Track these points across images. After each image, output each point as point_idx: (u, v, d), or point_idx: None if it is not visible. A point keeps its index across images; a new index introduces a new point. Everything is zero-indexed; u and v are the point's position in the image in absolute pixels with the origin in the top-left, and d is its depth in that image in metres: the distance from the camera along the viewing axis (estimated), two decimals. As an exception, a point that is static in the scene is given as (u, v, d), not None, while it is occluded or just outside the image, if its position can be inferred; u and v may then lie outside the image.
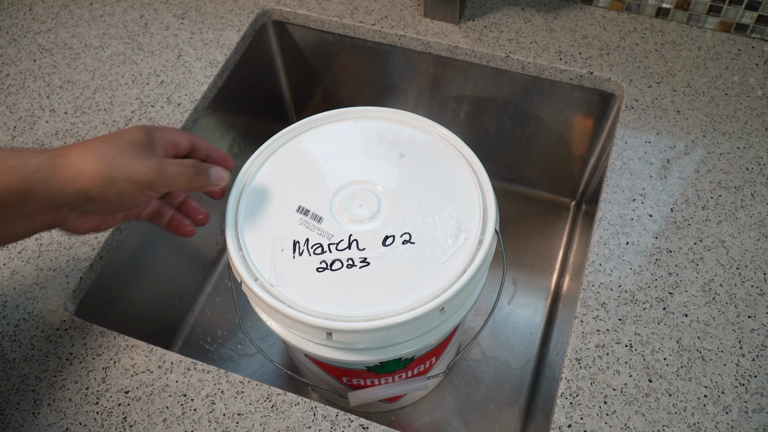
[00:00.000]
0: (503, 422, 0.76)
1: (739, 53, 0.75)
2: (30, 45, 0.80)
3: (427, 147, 0.59)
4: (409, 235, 0.53)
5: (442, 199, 0.55)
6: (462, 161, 0.58)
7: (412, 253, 0.52)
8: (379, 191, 0.56)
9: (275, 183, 0.57)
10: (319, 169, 0.58)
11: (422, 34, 0.78)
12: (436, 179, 0.57)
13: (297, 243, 0.53)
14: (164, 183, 0.46)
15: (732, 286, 0.58)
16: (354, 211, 0.55)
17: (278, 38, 0.87)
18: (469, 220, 0.54)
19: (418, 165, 0.58)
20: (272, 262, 0.52)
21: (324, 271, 0.51)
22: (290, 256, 0.52)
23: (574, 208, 0.93)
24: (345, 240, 0.53)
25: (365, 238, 0.53)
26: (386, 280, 0.51)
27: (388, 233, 0.53)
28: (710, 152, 0.67)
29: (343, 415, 0.52)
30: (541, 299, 0.85)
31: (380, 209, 0.55)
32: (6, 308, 0.59)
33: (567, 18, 0.79)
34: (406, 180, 0.57)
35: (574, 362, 0.54)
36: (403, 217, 0.54)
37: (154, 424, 0.52)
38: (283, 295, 0.50)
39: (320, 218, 0.54)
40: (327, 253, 0.52)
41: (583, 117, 0.80)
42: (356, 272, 0.51)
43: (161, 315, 0.79)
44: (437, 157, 0.58)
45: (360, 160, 0.58)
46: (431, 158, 0.58)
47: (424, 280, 0.51)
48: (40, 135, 0.71)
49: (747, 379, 0.53)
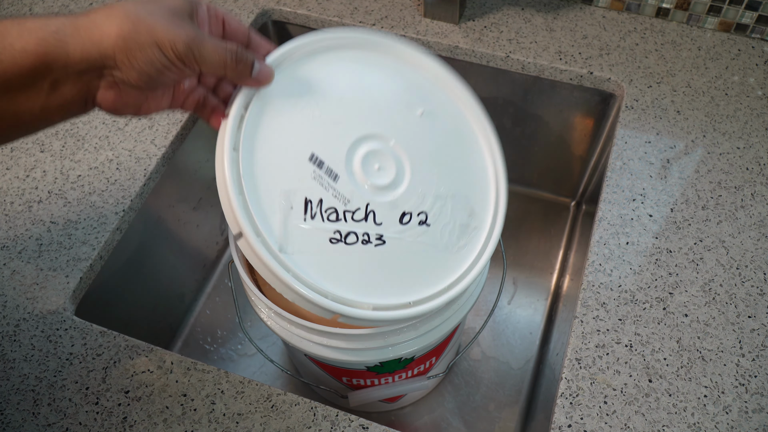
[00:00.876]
0: (503, 422, 0.76)
1: (739, 53, 0.75)
2: (30, 45, 0.80)
3: (449, 110, 0.53)
4: (425, 216, 0.49)
5: (459, 178, 0.51)
6: (483, 139, 0.54)
7: (426, 237, 0.49)
8: (399, 154, 0.50)
9: (286, 111, 0.47)
10: (334, 107, 0.49)
11: (422, 34, 0.78)
12: (454, 153, 0.52)
13: (309, 202, 0.46)
14: (195, 58, 0.40)
15: (732, 286, 0.58)
16: (372, 174, 0.48)
17: (278, 38, 0.87)
18: (482, 209, 0.52)
19: (438, 130, 0.52)
20: (282, 222, 0.44)
21: (337, 244, 0.46)
22: (301, 217, 0.45)
23: (574, 208, 0.93)
24: (362, 209, 0.47)
25: (383, 212, 0.48)
26: (401, 265, 0.47)
27: (405, 209, 0.49)
28: (710, 152, 0.67)
29: (343, 415, 0.52)
30: (541, 299, 0.85)
31: (399, 178, 0.49)
32: (6, 308, 0.59)
33: (567, 18, 0.79)
34: (425, 147, 0.51)
35: (574, 362, 0.54)
36: (420, 193, 0.49)
37: (154, 424, 0.52)
38: (290, 265, 0.43)
39: (336, 176, 0.47)
40: (342, 222, 0.46)
41: (583, 117, 0.80)
42: (371, 250, 0.47)
43: (161, 315, 0.79)
44: (458, 126, 0.53)
45: (380, 106, 0.51)
46: (452, 125, 0.53)
47: (434, 273, 0.48)
48: (40, 135, 0.71)
49: (747, 379, 0.53)
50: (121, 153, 0.69)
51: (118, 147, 0.69)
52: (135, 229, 0.67)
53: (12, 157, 0.69)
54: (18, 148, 0.70)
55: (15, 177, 0.68)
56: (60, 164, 0.68)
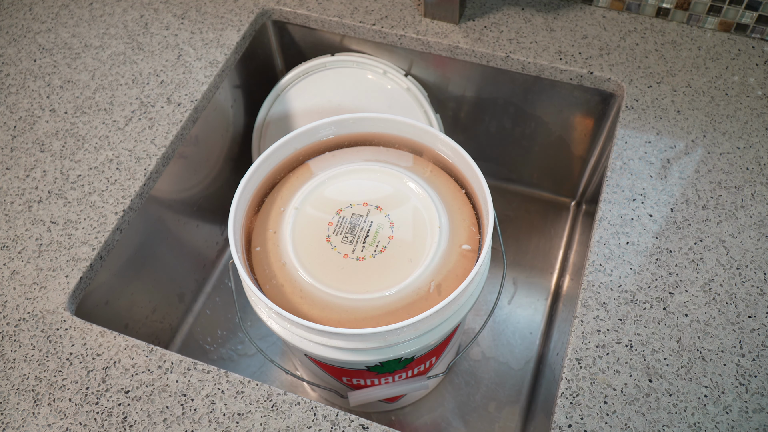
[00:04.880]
0: (503, 422, 0.76)
1: (739, 53, 0.75)
2: (30, 45, 0.80)
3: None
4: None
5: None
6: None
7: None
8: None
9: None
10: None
11: (422, 34, 0.78)
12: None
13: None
14: None
15: (732, 286, 0.58)
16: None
17: (278, 38, 0.87)
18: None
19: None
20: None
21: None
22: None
23: (574, 208, 0.93)
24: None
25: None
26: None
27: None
28: (710, 152, 0.67)
29: (343, 415, 0.52)
30: (541, 299, 0.85)
31: None
32: (6, 308, 0.59)
33: (567, 18, 0.79)
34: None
35: (574, 362, 0.54)
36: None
37: (154, 424, 0.52)
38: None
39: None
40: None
41: (583, 117, 0.80)
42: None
43: (161, 315, 0.79)
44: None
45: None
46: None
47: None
48: (40, 135, 0.71)
49: (747, 379, 0.53)
50: (121, 153, 0.69)
51: (118, 147, 0.69)
52: (135, 229, 0.67)
53: (12, 157, 0.69)
54: (18, 148, 0.70)
55: (15, 177, 0.67)
56: (60, 164, 0.68)
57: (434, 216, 0.59)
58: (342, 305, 0.55)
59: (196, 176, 0.78)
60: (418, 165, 0.64)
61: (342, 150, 0.66)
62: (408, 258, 0.57)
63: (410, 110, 0.81)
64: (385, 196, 0.61)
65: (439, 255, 0.57)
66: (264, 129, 0.86)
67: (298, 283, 0.56)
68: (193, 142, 0.75)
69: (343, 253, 0.57)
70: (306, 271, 0.56)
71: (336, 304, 0.55)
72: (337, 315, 0.54)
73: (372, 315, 0.54)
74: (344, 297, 0.55)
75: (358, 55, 0.82)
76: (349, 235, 0.58)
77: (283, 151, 0.64)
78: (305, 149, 0.66)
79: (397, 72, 0.81)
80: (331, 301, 0.55)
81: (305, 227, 0.59)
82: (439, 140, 0.63)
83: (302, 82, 0.83)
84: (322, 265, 0.57)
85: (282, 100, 0.84)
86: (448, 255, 0.57)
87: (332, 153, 0.66)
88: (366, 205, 0.60)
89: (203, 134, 0.77)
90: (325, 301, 0.55)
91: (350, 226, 0.59)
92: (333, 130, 0.65)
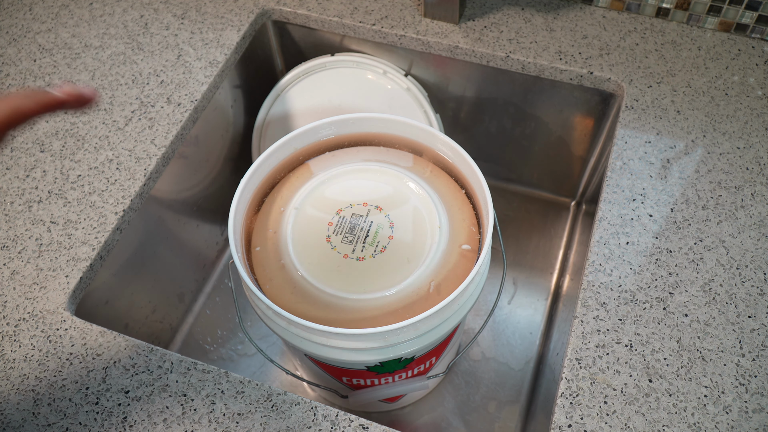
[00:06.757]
0: (503, 422, 0.76)
1: (739, 53, 0.75)
2: (30, 45, 0.80)
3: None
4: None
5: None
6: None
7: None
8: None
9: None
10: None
11: (422, 34, 0.78)
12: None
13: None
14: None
15: (732, 286, 0.58)
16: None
17: (278, 38, 0.87)
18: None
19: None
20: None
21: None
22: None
23: (574, 208, 0.93)
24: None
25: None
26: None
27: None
28: (710, 152, 0.67)
29: (343, 415, 0.52)
30: (541, 299, 0.85)
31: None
32: (6, 308, 0.59)
33: (567, 18, 0.79)
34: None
35: (574, 362, 0.54)
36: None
37: (154, 424, 0.52)
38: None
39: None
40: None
41: (583, 117, 0.80)
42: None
43: (161, 315, 0.79)
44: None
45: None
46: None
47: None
48: (41, 135, 0.71)
49: (747, 379, 0.53)
50: (121, 153, 0.69)
51: (118, 147, 0.69)
52: (135, 229, 0.67)
53: (12, 157, 0.69)
54: (18, 148, 0.70)
55: (15, 177, 0.68)
56: (60, 164, 0.68)
57: (434, 216, 0.59)
58: (342, 305, 0.55)
59: (196, 176, 0.78)
60: (418, 165, 0.64)
61: (342, 150, 0.66)
62: (408, 258, 0.57)
63: (410, 110, 0.81)
64: (385, 196, 0.61)
65: (439, 255, 0.57)
66: (264, 129, 0.86)
67: (298, 283, 0.56)
68: (193, 142, 0.75)
69: (343, 253, 0.57)
70: (306, 271, 0.56)
71: (336, 304, 0.55)
72: (337, 315, 0.54)
73: (372, 315, 0.54)
74: (344, 297, 0.55)
75: (358, 55, 0.82)
76: (349, 235, 0.58)
77: (283, 151, 0.64)
78: (305, 149, 0.66)
79: (397, 72, 0.81)
80: (330, 301, 0.55)
81: (305, 227, 0.59)
82: (439, 140, 0.63)
83: (302, 82, 0.83)
84: (322, 265, 0.57)
85: (282, 100, 0.84)
86: (448, 255, 0.57)
87: (332, 153, 0.66)
88: (366, 205, 0.60)
89: (203, 134, 0.77)
90: (324, 301, 0.55)
91: (350, 226, 0.59)
92: (333, 130, 0.65)
